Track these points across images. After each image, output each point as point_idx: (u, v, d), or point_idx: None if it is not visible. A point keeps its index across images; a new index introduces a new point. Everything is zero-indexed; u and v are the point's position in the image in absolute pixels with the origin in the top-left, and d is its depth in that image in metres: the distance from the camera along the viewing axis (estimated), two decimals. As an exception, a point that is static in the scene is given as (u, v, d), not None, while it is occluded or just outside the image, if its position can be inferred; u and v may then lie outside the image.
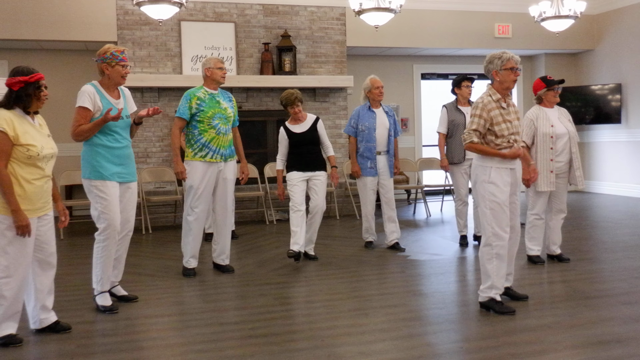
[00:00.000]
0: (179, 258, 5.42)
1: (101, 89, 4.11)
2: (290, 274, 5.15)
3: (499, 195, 3.81)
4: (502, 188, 3.82)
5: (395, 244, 6.06)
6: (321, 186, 5.57)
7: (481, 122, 3.83)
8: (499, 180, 3.82)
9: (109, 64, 4.08)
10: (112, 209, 4.03)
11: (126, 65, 4.12)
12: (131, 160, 4.23)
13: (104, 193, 4.02)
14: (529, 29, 9.85)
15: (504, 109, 3.87)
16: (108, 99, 4.09)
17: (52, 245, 3.63)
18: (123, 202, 4.17)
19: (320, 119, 5.68)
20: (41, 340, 3.58)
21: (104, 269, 4.12)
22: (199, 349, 3.40)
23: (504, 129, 3.83)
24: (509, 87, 3.89)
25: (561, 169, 5.10)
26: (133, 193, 4.27)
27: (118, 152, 4.09)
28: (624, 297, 4.23)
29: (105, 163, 4.03)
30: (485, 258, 3.91)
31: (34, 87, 3.44)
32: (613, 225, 7.35)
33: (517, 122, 3.96)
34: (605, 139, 10.55)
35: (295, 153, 5.51)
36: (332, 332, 3.65)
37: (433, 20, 9.67)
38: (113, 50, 4.09)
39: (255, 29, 8.73)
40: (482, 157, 3.91)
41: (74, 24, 8.13)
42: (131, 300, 4.37)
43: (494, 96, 3.89)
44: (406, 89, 10.44)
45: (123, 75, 4.12)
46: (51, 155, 3.52)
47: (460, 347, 3.39)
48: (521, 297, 4.17)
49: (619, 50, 10.19)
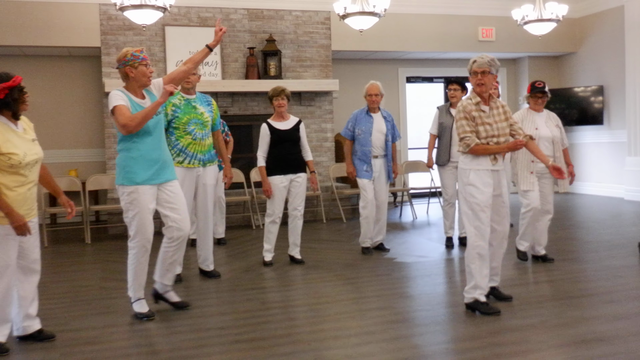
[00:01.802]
0: (164, 264, 5.39)
1: (128, 93, 3.94)
2: (277, 279, 5.15)
3: (478, 196, 3.88)
4: (482, 189, 3.89)
5: (379, 245, 6.12)
6: (301, 188, 5.58)
7: (469, 122, 3.92)
8: (478, 182, 3.90)
9: (132, 66, 3.88)
10: (142, 216, 3.88)
11: (149, 65, 3.95)
12: (166, 160, 4.02)
13: (135, 200, 3.88)
14: (512, 33, 9.95)
15: (483, 112, 3.96)
16: (135, 102, 3.94)
17: (35, 252, 3.60)
18: (170, 203, 4.00)
19: (302, 122, 5.71)
20: (25, 348, 3.54)
21: (135, 276, 4.00)
22: (185, 355, 3.38)
23: (481, 132, 3.92)
24: (479, 91, 3.97)
25: (544, 170, 5.15)
26: (176, 191, 4.04)
27: (151, 153, 3.92)
28: (608, 296, 4.28)
29: (136, 168, 3.87)
30: (469, 259, 3.95)
31: (18, 90, 3.41)
32: (596, 225, 7.43)
33: (504, 123, 3.99)
34: (588, 140, 10.66)
35: (276, 153, 5.50)
36: (319, 335, 3.65)
37: (417, 24, 9.73)
38: (132, 52, 3.89)
39: (240, 33, 8.73)
40: (463, 160, 3.99)
41: (57, 29, 8.07)
42: (183, 307, 4.23)
43: (473, 99, 3.99)
44: (391, 93, 10.48)
45: (148, 75, 3.93)
46: (35, 160, 3.48)
47: (447, 349, 3.40)
48: (506, 298, 4.20)
49: (600, 52, 10.32)
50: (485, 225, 3.89)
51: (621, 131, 9.98)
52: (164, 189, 4.00)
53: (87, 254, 6.65)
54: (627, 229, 6.99)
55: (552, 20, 8.22)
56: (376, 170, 5.95)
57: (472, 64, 3.96)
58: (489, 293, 4.16)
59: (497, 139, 3.94)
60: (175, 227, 4.03)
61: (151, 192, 3.93)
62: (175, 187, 4.07)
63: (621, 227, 7.20)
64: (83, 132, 9.04)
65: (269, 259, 5.65)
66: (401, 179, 9.82)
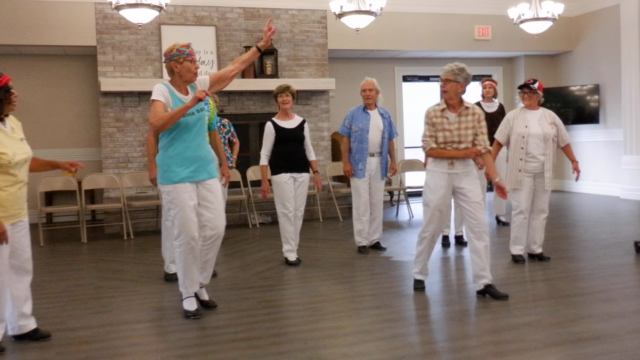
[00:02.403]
0: (160, 263, 5.39)
1: (172, 88, 3.92)
2: (273, 277, 5.14)
3: (429, 196, 4.28)
4: (433, 190, 4.26)
5: (376, 244, 6.12)
6: (303, 189, 5.58)
7: (430, 128, 4.27)
8: (431, 183, 4.28)
9: (177, 61, 3.85)
10: (183, 214, 3.86)
11: (194, 60, 3.91)
12: (206, 158, 3.98)
13: (175, 199, 3.87)
14: (508, 31, 9.96)
15: (447, 118, 4.23)
16: (178, 97, 3.91)
17: (27, 251, 3.58)
18: (206, 201, 3.97)
19: (307, 122, 5.70)
20: (20, 347, 3.54)
21: (185, 273, 3.98)
22: (181, 354, 3.37)
23: (439, 137, 4.22)
24: (444, 97, 4.26)
25: (537, 169, 5.18)
26: (214, 190, 4.00)
27: (188, 152, 3.88)
28: (603, 295, 4.29)
29: (174, 167, 3.86)
30: (416, 241, 4.50)
31: (4, 90, 3.39)
32: (592, 223, 7.45)
33: (469, 131, 4.20)
34: (584, 139, 10.68)
35: (280, 151, 5.48)
36: (315, 334, 3.65)
37: (414, 22, 9.74)
38: (179, 47, 3.86)
39: (236, 32, 8.72)
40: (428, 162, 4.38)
41: (52, 28, 8.04)
42: (211, 307, 4.19)
43: (439, 106, 4.29)
44: (388, 91, 10.48)
45: (193, 71, 3.89)
46: (24, 160, 3.47)
47: (443, 347, 3.41)
48: (502, 296, 4.21)
49: (596, 51, 10.34)
50: (430, 222, 4.31)
51: (617, 130, 10.00)
52: (202, 186, 3.97)
53: (83, 253, 6.63)
54: (623, 228, 7.01)
55: (548, 19, 8.23)
56: (372, 168, 5.94)
57: (440, 72, 4.28)
58: (484, 291, 4.22)
59: (458, 145, 4.19)
60: (209, 226, 4.00)
61: (191, 189, 3.90)
62: (213, 186, 4.02)
63: (617, 225, 7.22)
64: (79, 131, 9.02)
65: (292, 259, 5.56)
66: (398, 178, 9.83)
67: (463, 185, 4.22)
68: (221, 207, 4.08)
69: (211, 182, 4.01)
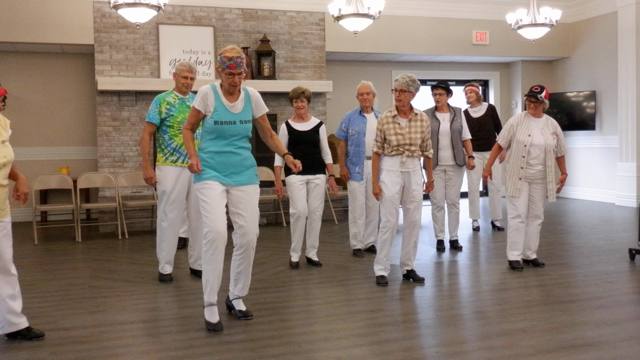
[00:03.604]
0: (155, 263, 5.37)
1: (219, 90, 3.84)
2: (268, 279, 5.14)
3: (386, 192, 4.77)
4: (389, 186, 4.76)
5: (371, 247, 6.12)
6: (319, 190, 5.57)
7: (379, 133, 4.82)
8: (387, 180, 4.78)
9: (220, 68, 3.76)
10: (212, 210, 3.73)
11: (233, 74, 3.72)
12: (242, 164, 3.87)
13: (204, 195, 3.77)
14: (506, 37, 9.99)
15: (398, 124, 4.75)
16: (222, 101, 3.81)
17: (7, 252, 3.51)
18: (235, 206, 3.86)
19: (323, 124, 5.69)
20: (13, 347, 3.52)
21: (208, 277, 3.81)
22: (175, 355, 3.36)
23: (392, 140, 4.72)
24: (397, 105, 4.79)
25: (536, 175, 5.19)
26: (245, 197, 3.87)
27: (223, 158, 3.81)
28: (597, 302, 4.30)
29: (206, 167, 3.79)
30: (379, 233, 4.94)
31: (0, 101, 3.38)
32: (587, 230, 7.46)
33: (418, 135, 4.75)
34: (580, 145, 10.72)
35: (293, 153, 5.45)
36: (309, 337, 3.64)
37: (412, 26, 9.75)
38: (222, 55, 3.73)
39: (235, 33, 8.71)
40: (382, 162, 4.84)
41: (50, 26, 8.02)
42: (247, 317, 4.00)
43: (391, 113, 4.79)
44: (385, 95, 10.49)
45: (231, 83, 3.76)
46: (3, 164, 3.42)
47: (437, 352, 3.41)
48: (420, 279, 4.90)
49: (593, 58, 10.37)
50: (389, 214, 4.80)
51: (613, 136, 10.03)
52: (234, 191, 3.87)
53: (78, 252, 6.61)
54: (618, 235, 7.03)
55: (545, 25, 8.25)
56: (368, 172, 5.93)
57: (394, 82, 4.80)
58: (407, 275, 4.97)
59: (409, 147, 4.71)
60: (239, 233, 3.89)
61: (221, 188, 3.81)
62: (246, 193, 3.88)
63: (612, 232, 7.24)
64: (75, 130, 8.99)
65: (294, 259, 5.59)
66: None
67: (412, 184, 4.77)
68: (253, 214, 3.91)
69: (244, 188, 3.88)
